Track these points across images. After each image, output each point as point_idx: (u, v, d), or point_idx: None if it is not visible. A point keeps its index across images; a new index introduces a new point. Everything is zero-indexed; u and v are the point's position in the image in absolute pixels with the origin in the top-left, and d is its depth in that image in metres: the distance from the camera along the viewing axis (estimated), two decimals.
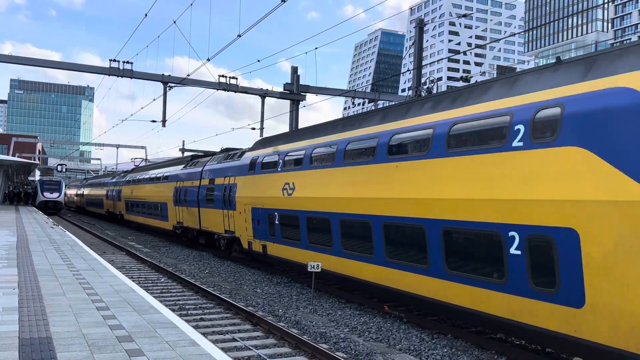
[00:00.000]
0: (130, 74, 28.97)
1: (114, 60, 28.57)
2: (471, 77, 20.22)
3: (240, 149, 24.46)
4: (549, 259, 8.24)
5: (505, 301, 9.02)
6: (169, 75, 29.80)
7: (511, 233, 8.87)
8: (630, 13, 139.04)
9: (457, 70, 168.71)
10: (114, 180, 48.65)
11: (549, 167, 8.32)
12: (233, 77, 30.43)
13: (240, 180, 20.58)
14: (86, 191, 64.79)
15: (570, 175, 7.99)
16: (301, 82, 30.96)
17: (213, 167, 24.59)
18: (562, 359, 9.61)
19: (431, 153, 10.81)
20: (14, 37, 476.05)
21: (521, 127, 8.91)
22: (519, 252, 8.74)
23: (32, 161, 62.98)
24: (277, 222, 17.33)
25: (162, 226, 32.71)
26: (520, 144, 8.85)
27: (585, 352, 7.94)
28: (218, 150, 30.39)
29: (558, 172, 8.17)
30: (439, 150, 10.63)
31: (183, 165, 29.74)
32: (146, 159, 60.15)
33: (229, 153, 24.27)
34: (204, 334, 9.66)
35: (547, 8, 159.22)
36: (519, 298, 8.75)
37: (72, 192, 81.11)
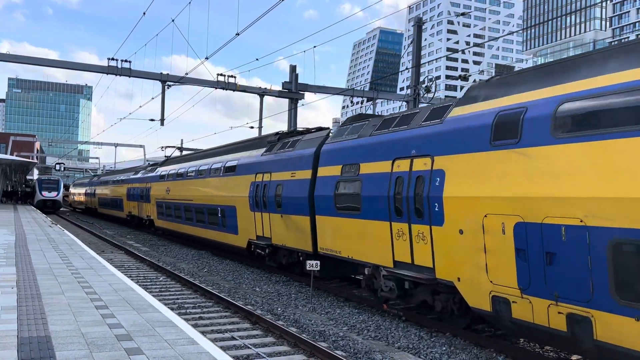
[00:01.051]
0: (129, 73, 28.99)
1: (112, 59, 28.59)
2: (469, 75, 20.25)
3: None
4: None
5: None
6: (167, 74, 29.81)
7: None
8: (629, 12, 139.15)
9: (455, 69, 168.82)
10: (138, 175, 38.74)
11: None
12: (231, 76, 30.46)
13: (465, 161, 9.96)
14: (99, 189, 53.69)
15: None
16: (299, 81, 30.99)
17: (351, 144, 14.05)
18: (561, 357, 9.63)
19: None
20: (11, 35, 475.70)
21: None
22: None
23: (31, 160, 62.89)
24: None
25: (225, 241, 22.12)
26: None
27: None
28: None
29: None
30: None
31: (265, 149, 19.47)
32: (181, 149, 43.33)
33: (396, 115, 13.32)
34: (203, 333, 9.68)
35: (545, 6, 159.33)
36: None
37: (79, 190, 69.56)
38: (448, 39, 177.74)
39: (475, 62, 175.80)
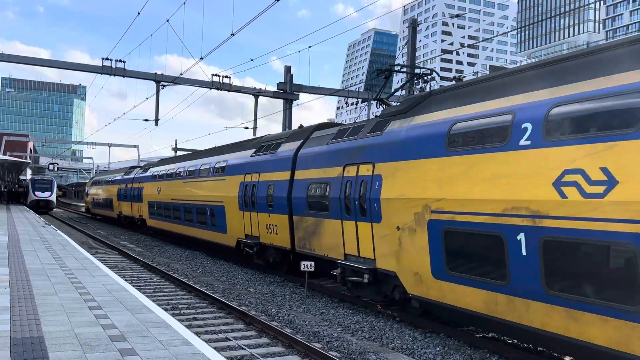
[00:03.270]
0: (123, 73, 28.91)
1: (107, 59, 28.51)
2: (464, 77, 20.30)
3: None
4: None
5: None
6: (162, 74, 29.74)
7: None
8: (622, 14, 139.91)
9: (449, 70, 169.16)
10: (261, 155, 18.90)
11: None
12: (226, 76, 30.41)
13: None
14: (151, 187, 31.80)
15: None
16: (294, 81, 30.97)
17: None
18: (554, 357, 9.66)
19: None
20: (1, 34, 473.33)
21: None
22: None
23: (24, 160, 62.56)
24: None
25: None
26: None
27: None
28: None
29: None
30: None
31: None
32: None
33: None
34: (197, 334, 9.66)
35: (540, 9, 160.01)
36: None
37: (105, 190, 45.89)
38: (442, 40, 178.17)
39: (470, 64, 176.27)
